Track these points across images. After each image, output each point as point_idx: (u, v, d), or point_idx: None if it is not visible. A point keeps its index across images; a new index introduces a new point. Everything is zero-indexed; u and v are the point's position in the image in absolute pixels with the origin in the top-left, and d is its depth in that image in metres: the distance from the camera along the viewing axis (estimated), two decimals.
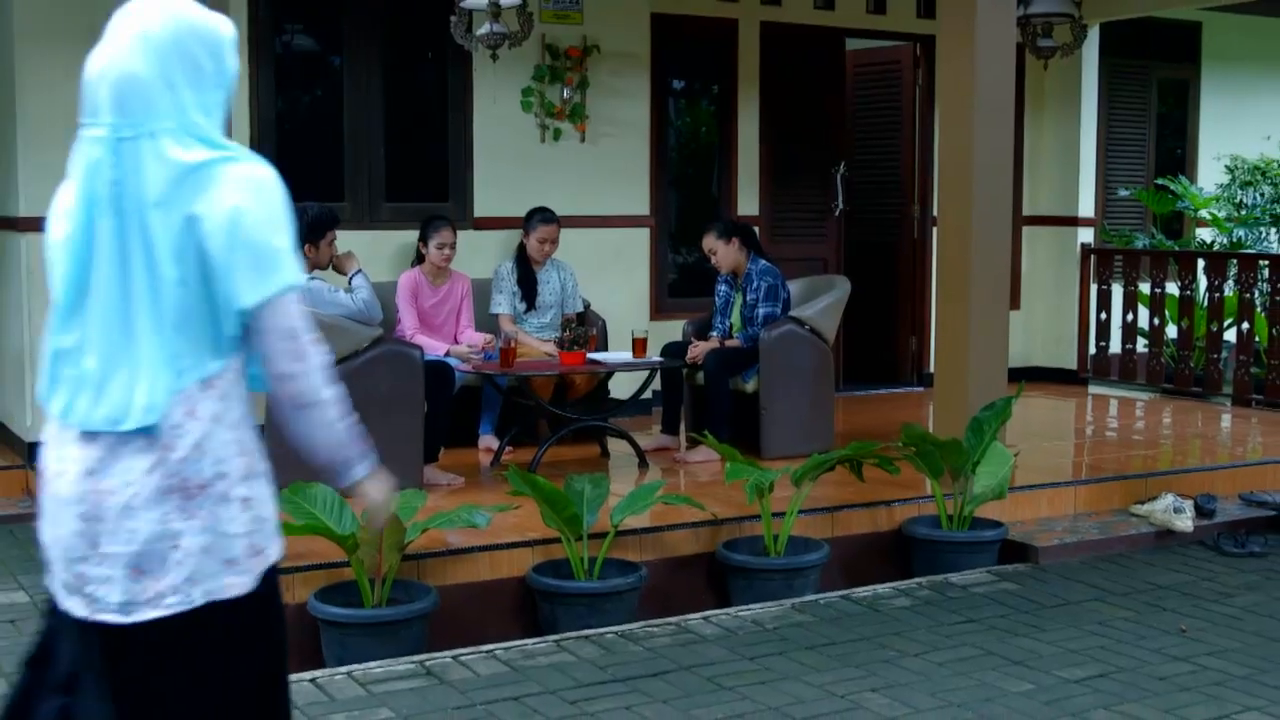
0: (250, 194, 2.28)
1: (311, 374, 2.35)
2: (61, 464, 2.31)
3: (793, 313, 6.99)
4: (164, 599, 2.26)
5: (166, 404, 2.25)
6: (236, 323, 2.29)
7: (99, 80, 2.29)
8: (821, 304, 7.04)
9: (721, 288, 7.24)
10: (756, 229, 7.81)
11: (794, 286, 7.24)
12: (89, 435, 2.27)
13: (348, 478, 2.47)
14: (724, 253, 7.02)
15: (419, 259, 7.08)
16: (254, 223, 2.27)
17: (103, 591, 2.26)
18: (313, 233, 6.09)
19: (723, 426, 6.60)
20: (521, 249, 7.30)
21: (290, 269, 2.31)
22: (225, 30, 2.39)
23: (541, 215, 7.25)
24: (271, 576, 2.40)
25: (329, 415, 2.38)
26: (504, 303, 7.25)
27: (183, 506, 2.26)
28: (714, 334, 7.17)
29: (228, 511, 2.30)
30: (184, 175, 2.26)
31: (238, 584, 2.32)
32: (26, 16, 6.60)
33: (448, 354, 6.75)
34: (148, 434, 2.25)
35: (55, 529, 2.31)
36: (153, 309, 2.25)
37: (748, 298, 7.00)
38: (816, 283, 7.46)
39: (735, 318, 7.12)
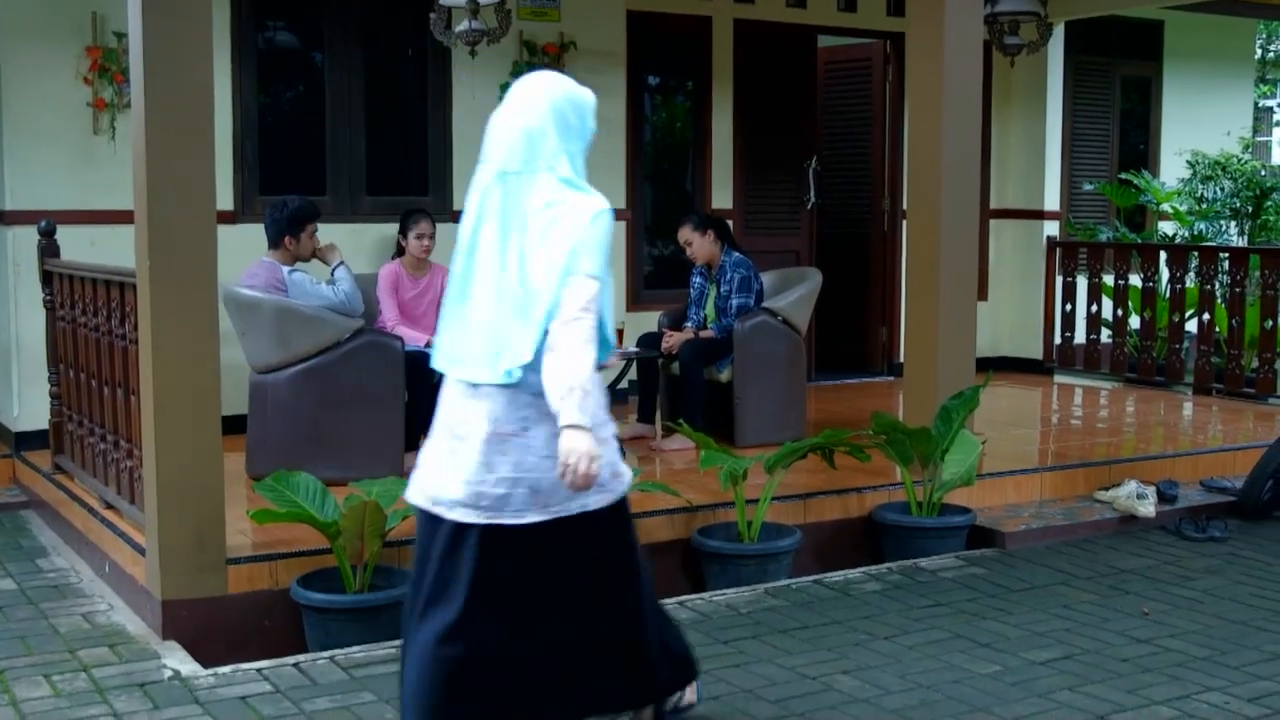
0: (585, 224, 3.10)
1: (571, 320, 3.04)
2: (449, 407, 3.19)
3: (766, 304, 7.05)
4: (548, 508, 3.12)
5: (523, 367, 3.07)
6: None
7: (499, 131, 3.21)
8: (794, 295, 7.11)
9: (696, 279, 7.31)
10: (730, 222, 7.89)
11: (767, 278, 7.31)
12: (470, 386, 3.15)
13: (561, 419, 3.01)
14: (699, 244, 7.10)
15: (399, 252, 7.12)
16: (583, 244, 3.08)
17: (486, 503, 3.10)
18: (293, 225, 6.15)
19: (697, 415, 6.67)
20: None
21: (586, 262, 3.07)
22: (589, 98, 3.28)
23: None
24: (624, 492, 3.28)
25: (572, 352, 3.01)
26: None
27: (549, 443, 3.06)
28: (689, 325, 7.24)
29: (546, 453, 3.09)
30: (547, 203, 3.12)
31: (602, 500, 3.19)
32: (11, 14, 6.60)
33: (428, 344, 6.80)
34: (512, 387, 3.09)
35: (441, 455, 3.18)
36: (517, 295, 3.10)
37: (721, 289, 7.09)
38: (789, 275, 7.52)
39: (710, 309, 7.20)
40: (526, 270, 3.10)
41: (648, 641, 3.40)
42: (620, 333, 6.87)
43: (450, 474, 3.15)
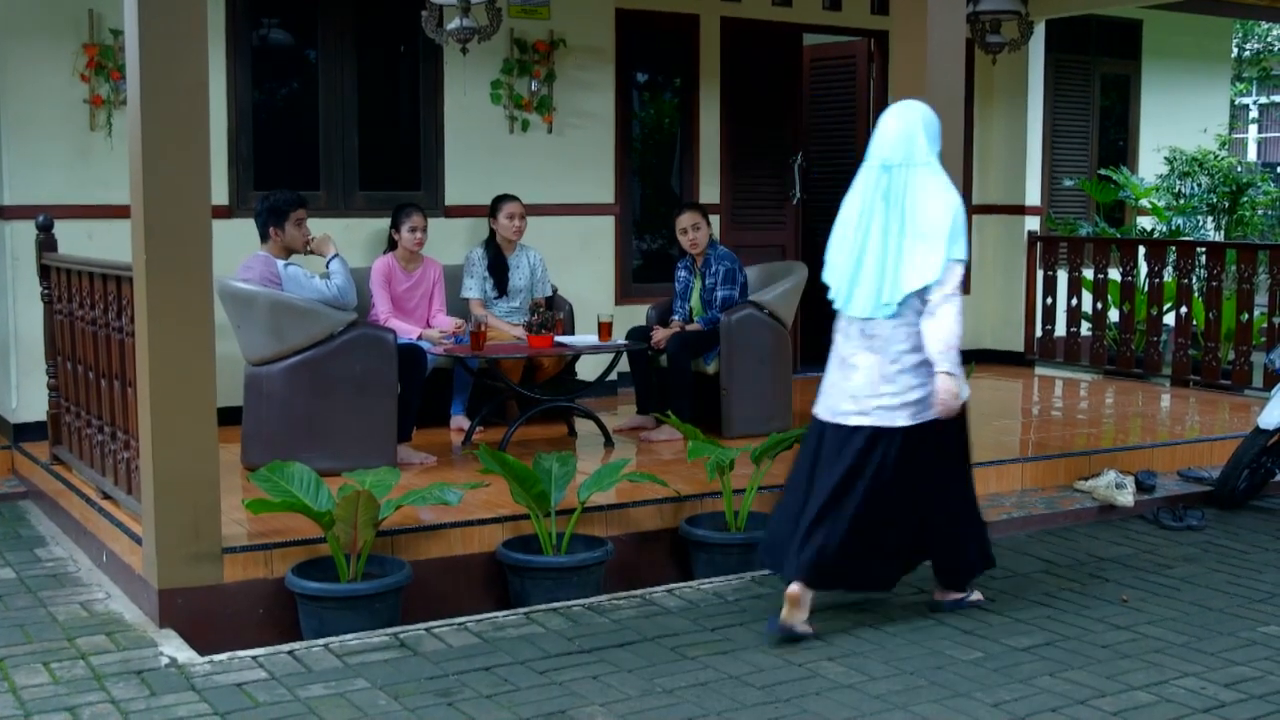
0: (945, 209, 4.43)
1: (945, 298, 4.39)
2: (841, 340, 4.58)
3: (752, 297, 7.11)
4: (870, 420, 4.48)
5: (889, 311, 4.42)
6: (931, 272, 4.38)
7: (885, 135, 4.55)
8: (780, 289, 7.16)
9: (681, 273, 7.36)
10: (717, 217, 7.95)
11: (752, 272, 7.37)
12: (851, 319, 4.55)
13: (937, 366, 4.42)
14: (703, 232, 7.17)
15: (391, 246, 7.19)
16: (949, 223, 4.40)
17: (849, 411, 4.53)
18: (275, 216, 6.12)
19: (685, 407, 6.71)
20: (492, 236, 7.43)
21: (956, 249, 4.40)
22: (937, 119, 4.64)
23: (504, 196, 7.38)
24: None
25: (946, 322, 4.39)
26: (474, 287, 7.36)
27: (889, 377, 4.47)
28: (675, 318, 7.30)
29: (913, 378, 4.46)
30: (917, 190, 4.45)
31: (922, 416, 4.49)
32: (9, 13, 6.61)
33: (420, 337, 6.84)
34: (878, 326, 4.45)
35: (836, 379, 4.61)
36: (896, 260, 4.42)
37: (706, 282, 7.15)
38: (775, 269, 7.57)
39: (695, 301, 7.26)
40: (906, 240, 4.37)
41: (963, 534, 4.70)
42: (609, 325, 6.94)
43: (839, 393, 4.58)
